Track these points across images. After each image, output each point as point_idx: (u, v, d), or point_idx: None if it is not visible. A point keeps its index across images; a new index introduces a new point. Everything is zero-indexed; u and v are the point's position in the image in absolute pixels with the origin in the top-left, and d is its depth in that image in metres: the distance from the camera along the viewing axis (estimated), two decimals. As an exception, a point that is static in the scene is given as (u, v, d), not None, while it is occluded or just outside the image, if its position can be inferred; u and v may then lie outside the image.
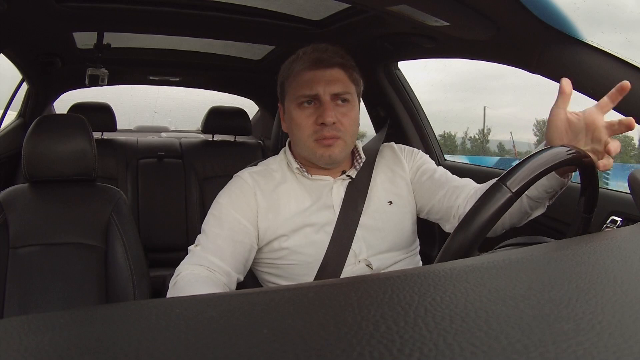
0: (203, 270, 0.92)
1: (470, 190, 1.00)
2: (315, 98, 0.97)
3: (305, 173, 1.02)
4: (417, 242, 1.09)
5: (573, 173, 0.85)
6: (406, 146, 1.15)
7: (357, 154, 1.07)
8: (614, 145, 0.74)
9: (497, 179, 0.64)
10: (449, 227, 1.03)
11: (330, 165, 1.02)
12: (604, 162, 0.75)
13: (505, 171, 0.65)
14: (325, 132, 0.96)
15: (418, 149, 1.15)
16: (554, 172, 0.80)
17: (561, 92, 0.77)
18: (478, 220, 0.61)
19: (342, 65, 1.00)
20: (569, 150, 0.70)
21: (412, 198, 1.08)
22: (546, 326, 0.30)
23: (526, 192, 0.85)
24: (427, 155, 1.14)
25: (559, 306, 0.33)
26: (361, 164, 1.05)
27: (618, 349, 0.27)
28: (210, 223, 0.98)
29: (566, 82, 0.76)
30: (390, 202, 1.04)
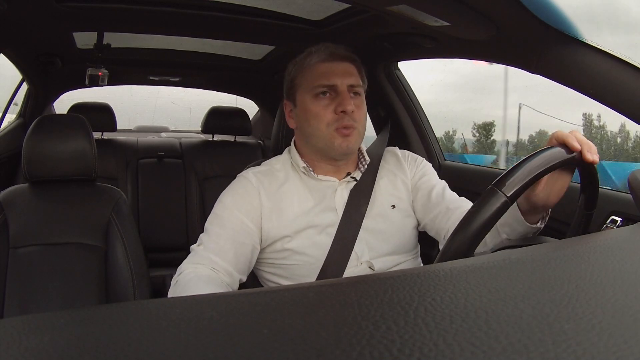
0: (205, 270, 0.92)
1: (462, 213, 0.99)
2: (332, 89, 0.98)
3: (312, 173, 1.02)
4: (419, 246, 1.10)
5: (547, 216, 0.84)
6: (410, 152, 1.16)
7: (361, 156, 1.08)
8: None
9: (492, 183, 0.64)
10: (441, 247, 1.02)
11: (345, 156, 1.02)
12: None
13: (501, 175, 0.64)
14: (345, 120, 0.97)
15: (418, 149, 1.14)
16: (529, 218, 0.81)
17: None
18: (473, 226, 0.61)
19: (353, 60, 1.03)
20: (563, 152, 0.69)
21: (412, 204, 1.08)
22: (546, 326, 0.30)
23: (505, 235, 0.85)
24: (430, 165, 1.14)
25: (559, 306, 0.33)
26: (365, 166, 1.05)
27: (618, 349, 0.27)
28: (213, 222, 0.98)
29: None
30: (394, 206, 1.05)
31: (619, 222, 1.04)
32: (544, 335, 0.28)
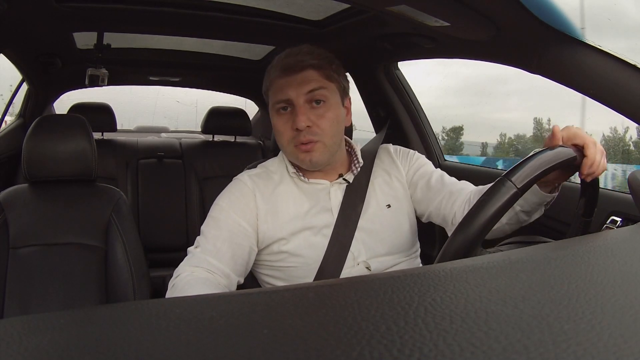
0: (202, 272, 0.92)
1: (467, 195, 1.00)
2: (290, 103, 0.96)
3: (302, 177, 1.02)
4: (418, 245, 1.09)
5: (561, 184, 0.85)
6: (402, 148, 1.15)
7: (355, 158, 1.07)
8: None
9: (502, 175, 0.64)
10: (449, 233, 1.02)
11: (314, 168, 1.00)
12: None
13: (510, 168, 0.66)
14: (301, 137, 0.95)
15: (418, 149, 1.14)
16: (541, 190, 0.82)
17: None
18: (483, 215, 0.62)
19: (313, 66, 0.97)
20: (571, 151, 0.71)
21: (409, 202, 1.08)
22: (546, 326, 0.30)
23: (519, 207, 0.87)
24: (423, 156, 1.13)
25: (559, 306, 0.33)
26: (359, 169, 1.05)
27: (618, 349, 0.27)
28: (209, 225, 0.98)
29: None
30: (389, 206, 1.04)
31: (619, 222, 1.04)
32: (544, 335, 0.28)
